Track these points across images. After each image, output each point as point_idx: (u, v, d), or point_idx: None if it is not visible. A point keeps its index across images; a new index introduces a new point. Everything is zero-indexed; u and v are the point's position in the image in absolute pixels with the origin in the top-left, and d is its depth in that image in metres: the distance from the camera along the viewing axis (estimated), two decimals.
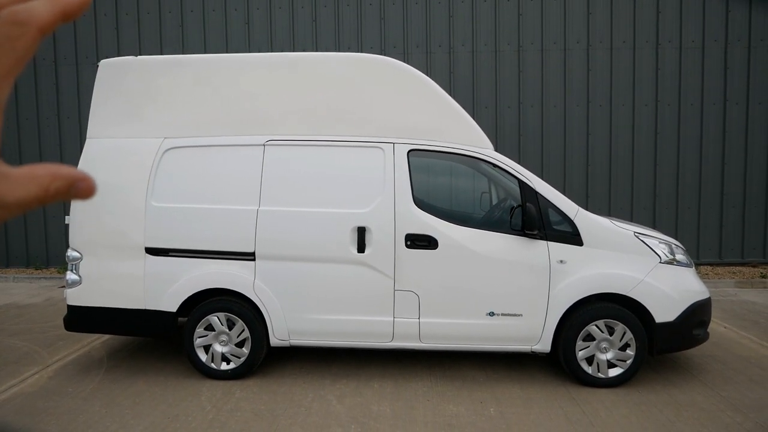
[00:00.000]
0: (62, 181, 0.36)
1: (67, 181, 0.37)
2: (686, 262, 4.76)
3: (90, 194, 0.38)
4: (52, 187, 0.36)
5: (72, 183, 0.37)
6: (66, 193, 0.37)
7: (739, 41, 9.21)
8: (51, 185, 0.36)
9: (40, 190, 0.36)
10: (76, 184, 0.37)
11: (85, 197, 0.38)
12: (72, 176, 0.37)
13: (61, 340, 5.80)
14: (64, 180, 0.37)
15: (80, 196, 0.37)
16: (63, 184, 0.36)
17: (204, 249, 4.68)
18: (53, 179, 0.36)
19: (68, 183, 0.37)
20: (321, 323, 4.64)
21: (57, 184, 0.36)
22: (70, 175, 0.37)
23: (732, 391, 4.48)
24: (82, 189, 0.37)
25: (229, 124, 4.76)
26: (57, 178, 0.36)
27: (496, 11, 9.40)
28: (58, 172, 0.37)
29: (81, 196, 0.37)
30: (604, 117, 9.41)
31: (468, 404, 4.29)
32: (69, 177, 0.37)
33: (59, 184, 0.36)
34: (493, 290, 4.54)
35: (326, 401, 4.35)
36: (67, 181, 0.37)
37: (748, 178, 9.34)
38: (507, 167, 4.66)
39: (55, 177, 0.36)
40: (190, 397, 4.42)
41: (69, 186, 0.37)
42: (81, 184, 0.37)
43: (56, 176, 0.36)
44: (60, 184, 0.36)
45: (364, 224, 4.58)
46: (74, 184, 0.37)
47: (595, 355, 4.56)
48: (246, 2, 9.54)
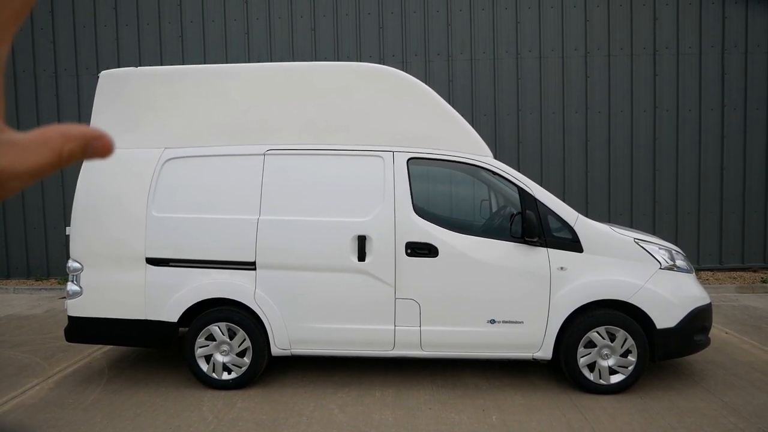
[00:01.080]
0: (76, 141, 0.34)
1: (81, 141, 0.34)
2: (686, 268, 4.76)
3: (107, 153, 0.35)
4: (66, 150, 0.34)
5: (87, 142, 0.34)
6: (81, 154, 0.34)
7: (735, 47, 9.26)
8: (64, 147, 0.34)
9: (53, 154, 0.33)
10: (92, 143, 0.34)
11: (102, 156, 0.35)
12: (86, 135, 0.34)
13: (62, 352, 5.79)
14: (78, 140, 0.34)
15: (97, 155, 0.35)
16: (77, 145, 0.34)
17: (205, 259, 4.68)
18: (66, 141, 0.34)
19: (83, 143, 0.34)
20: (322, 332, 4.64)
21: (71, 146, 0.34)
22: (84, 134, 0.34)
23: (734, 397, 4.47)
24: (98, 148, 0.35)
25: (228, 133, 4.78)
26: (70, 139, 0.34)
27: (494, 20, 9.45)
28: (70, 133, 0.34)
29: (97, 155, 0.35)
30: (602, 124, 9.44)
31: (470, 412, 4.28)
32: (83, 136, 0.34)
33: (73, 145, 0.34)
34: (494, 298, 4.55)
35: (328, 410, 4.34)
36: (82, 141, 0.34)
37: (747, 182, 9.36)
38: (506, 174, 4.67)
39: (68, 138, 0.34)
40: (191, 407, 4.41)
41: (84, 146, 0.34)
42: (96, 143, 0.35)
43: (69, 137, 0.34)
44: (74, 145, 0.34)
45: (364, 233, 4.58)
46: (89, 143, 0.34)
47: (596, 362, 4.56)
48: (245, 13, 9.60)
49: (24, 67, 9.79)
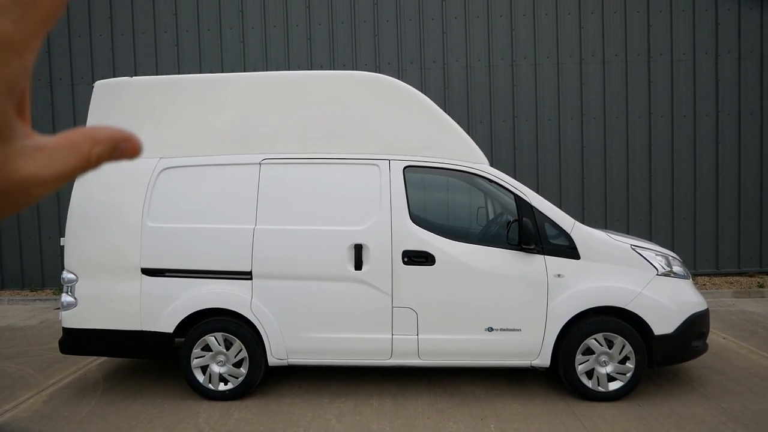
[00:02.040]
0: (104, 144, 0.33)
1: (109, 144, 0.33)
2: (683, 274, 4.76)
3: (137, 153, 0.34)
4: (94, 153, 0.33)
5: (115, 145, 0.33)
6: (110, 157, 0.33)
7: (729, 53, 9.31)
8: (93, 151, 0.33)
9: (81, 158, 0.32)
10: (120, 145, 0.34)
11: (130, 158, 0.34)
12: (114, 137, 0.34)
13: (57, 363, 5.74)
14: (107, 143, 0.33)
15: (125, 157, 0.34)
16: (105, 148, 0.33)
17: (201, 269, 4.66)
18: (94, 144, 0.33)
19: (111, 145, 0.33)
20: (319, 342, 4.62)
21: (99, 149, 0.33)
22: (112, 136, 0.33)
23: (733, 403, 4.46)
24: (126, 150, 0.34)
25: (224, 143, 4.77)
26: (98, 142, 0.33)
27: (489, 27, 9.49)
28: (98, 136, 0.33)
29: (126, 156, 0.34)
30: (598, 130, 9.47)
31: (468, 421, 4.25)
32: (111, 138, 0.33)
33: (101, 148, 0.33)
34: (491, 305, 4.53)
35: (325, 420, 4.31)
36: (110, 144, 0.33)
37: (743, 187, 9.39)
38: (502, 182, 4.67)
39: (96, 141, 0.33)
40: (187, 418, 4.38)
41: (112, 149, 0.33)
42: (125, 145, 0.34)
43: (97, 140, 0.33)
44: (102, 148, 0.33)
45: (361, 241, 4.57)
46: (118, 145, 0.34)
47: (594, 369, 4.54)
48: (241, 21, 9.61)
49: None
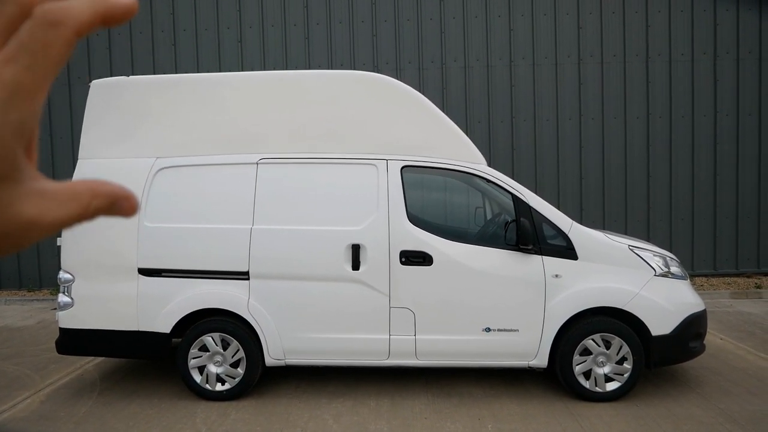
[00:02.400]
0: (104, 199, 0.34)
1: (108, 200, 0.34)
2: (681, 275, 4.76)
3: (132, 213, 0.35)
4: (93, 206, 0.34)
5: (114, 202, 0.35)
6: (107, 211, 0.35)
7: (727, 53, 9.32)
8: (92, 203, 0.34)
9: (80, 208, 0.34)
10: (119, 202, 0.35)
11: (127, 216, 0.35)
12: (114, 194, 0.35)
13: (54, 363, 5.73)
14: (106, 198, 0.34)
15: (122, 215, 0.35)
16: (104, 203, 0.34)
17: (198, 269, 4.65)
18: (94, 197, 0.34)
19: (110, 201, 0.34)
20: (316, 342, 4.61)
21: (98, 203, 0.34)
22: (112, 192, 0.35)
23: (730, 403, 4.46)
24: (124, 208, 0.35)
25: (221, 142, 4.76)
26: (98, 195, 0.34)
27: (488, 27, 9.49)
28: (99, 190, 0.34)
29: (123, 214, 0.35)
30: (596, 130, 9.47)
31: (466, 421, 4.25)
32: (111, 195, 0.34)
33: (100, 202, 0.34)
34: (489, 306, 4.53)
35: (322, 421, 4.30)
36: (109, 200, 0.34)
37: (740, 188, 9.39)
38: (500, 182, 4.67)
39: (96, 195, 0.34)
40: (184, 419, 4.37)
41: (110, 204, 0.34)
42: (123, 203, 0.35)
43: (97, 194, 0.34)
44: (101, 202, 0.34)
45: (358, 241, 4.56)
46: (117, 202, 0.35)
47: (592, 370, 4.54)
48: (238, 21, 9.60)
49: None
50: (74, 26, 0.31)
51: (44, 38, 0.30)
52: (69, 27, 0.31)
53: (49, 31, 0.30)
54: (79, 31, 0.31)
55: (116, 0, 0.32)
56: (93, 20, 0.31)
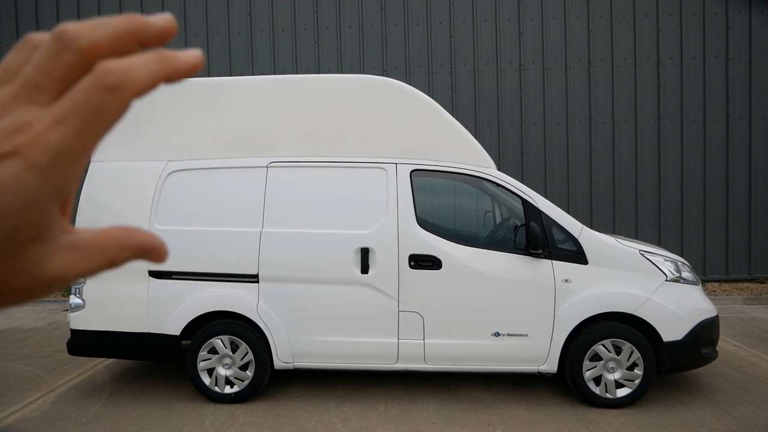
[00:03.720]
0: (132, 251, 0.33)
1: (137, 251, 0.33)
2: (693, 280, 4.72)
3: (161, 261, 0.34)
4: (121, 257, 0.32)
5: (142, 252, 0.33)
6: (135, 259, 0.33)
7: (740, 57, 9.24)
8: (120, 255, 0.32)
9: (106, 261, 0.32)
10: (148, 254, 0.33)
11: (156, 263, 0.34)
12: (143, 246, 0.33)
13: (65, 365, 5.77)
14: (135, 250, 0.33)
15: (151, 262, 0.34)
16: (133, 254, 0.33)
17: (207, 271, 4.67)
18: (123, 249, 0.32)
19: (138, 252, 0.33)
20: (325, 345, 4.61)
21: (126, 254, 0.33)
22: (142, 244, 0.33)
23: (743, 411, 4.41)
24: (153, 258, 0.33)
25: (231, 146, 4.78)
26: (127, 247, 0.32)
27: (497, 31, 9.48)
28: (128, 241, 0.33)
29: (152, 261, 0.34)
30: (606, 134, 9.42)
31: (474, 426, 4.23)
32: (140, 247, 0.33)
33: (129, 253, 0.33)
34: (498, 310, 4.51)
35: (331, 424, 4.30)
36: (137, 252, 0.33)
37: (753, 193, 9.30)
38: (510, 186, 4.65)
39: (125, 247, 0.32)
40: (193, 421, 4.38)
41: (139, 255, 0.33)
42: (153, 254, 0.33)
43: (126, 246, 0.32)
44: (129, 253, 0.33)
45: (367, 245, 4.56)
46: (145, 253, 0.33)
47: (602, 375, 4.51)
48: (249, 25, 9.66)
49: None
50: (134, 91, 0.29)
51: (100, 103, 0.28)
52: (128, 92, 0.28)
53: (107, 95, 0.28)
54: (138, 95, 0.29)
55: (182, 60, 0.30)
56: (155, 83, 0.29)
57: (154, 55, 0.29)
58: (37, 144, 0.27)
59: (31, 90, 0.28)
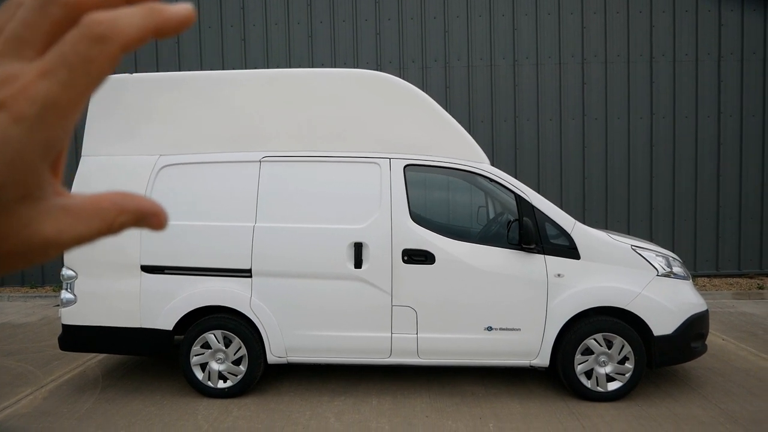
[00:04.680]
0: (130, 215, 0.32)
1: (135, 216, 0.32)
2: (683, 275, 4.76)
3: (161, 228, 0.33)
4: (118, 222, 0.31)
5: (142, 217, 0.32)
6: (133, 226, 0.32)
7: (732, 54, 9.29)
8: (117, 219, 0.31)
9: (103, 225, 0.31)
10: (147, 219, 0.32)
11: (155, 230, 0.33)
12: (141, 210, 0.32)
13: (56, 360, 5.75)
14: (133, 214, 0.32)
15: (149, 228, 0.33)
16: (131, 218, 0.32)
17: (200, 266, 4.66)
18: (120, 213, 0.31)
19: (137, 217, 0.32)
20: (318, 340, 4.62)
21: (124, 218, 0.32)
22: (139, 209, 0.32)
23: (731, 404, 4.46)
24: (152, 223, 0.32)
25: (224, 140, 4.76)
26: (124, 211, 0.32)
27: (491, 26, 9.48)
28: (126, 205, 0.32)
29: (151, 228, 0.33)
30: (599, 130, 9.46)
31: (467, 420, 4.25)
32: (138, 211, 0.32)
33: (126, 218, 0.32)
34: (491, 305, 4.53)
35: (324, 419, 4.31)
36: (136, 216, 0.32)
37: (743, 189, 9.37)
38: (503, 181, 4.67)
39: (123, 211, 0.32)
40: (186, 416, 4.38)
41: (137, 220, 0.32)
42: (152, 219, 0.32)
43: (124, 210, 0.32)
44: (127, 218, 0.32)
45: (361, 240, 4.57)
46: (144, 218, 0.32)
47: (594, 369, 4.54)
48: (242, 19, 9.61)
49: None
50: (122, 42, 0.28)
51: (87, 53, 0.27)
52: (116, 43, 0.28)
53: (94, 46, 0.27)
54: (127, 47, 0.28)
55: (172, 12, 0.29)
56: (144, 35, 0.28)
57: (143, 7, 0.29)
58: (23, 96, 0.27)
59: (17, 45, 0.28)
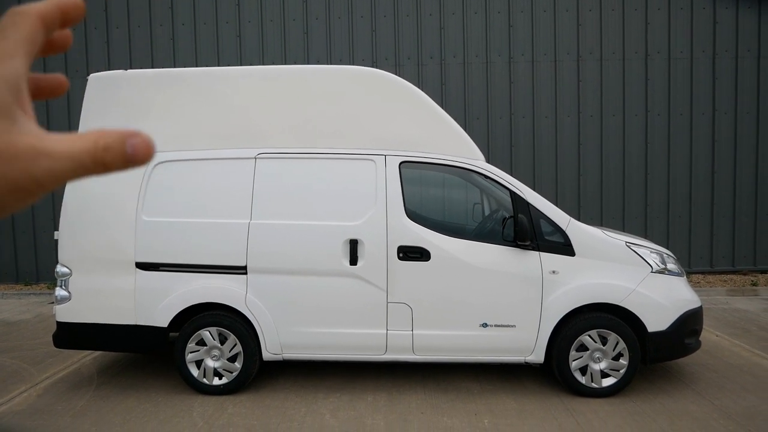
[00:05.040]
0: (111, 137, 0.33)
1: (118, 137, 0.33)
2: (678, 271, 4.77)
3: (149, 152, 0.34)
4: (101, 143, 0.33)
5: (123, 139, 0.33)
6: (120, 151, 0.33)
7: (726, 52, 9.32)
8: (99, 140, 0.33)
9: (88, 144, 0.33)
10: (128, 140, 0.33)
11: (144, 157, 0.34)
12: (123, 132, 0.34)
13: (51, 357, 5.73)
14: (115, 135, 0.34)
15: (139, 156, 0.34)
16: (113, 140, 0.33)
17: (195, 263, 4.65)
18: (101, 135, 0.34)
19: (119, 139, 0.33)
20: (314, 336, 4.62)
21: (106, 139, 0.33)
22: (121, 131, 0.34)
23: (724, 400, 4.48)
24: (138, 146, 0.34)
25: (219, 137, 4.75)
26: (105, 133, 0.34)
27: (487, 23, 9.47)
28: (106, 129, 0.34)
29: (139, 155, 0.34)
30: (594, 127, 9.48)
31: (462, 416, 4.26)
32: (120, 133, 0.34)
33: (108, 139, 0.33)
34: (486, 301, 4.54)
35: (319, 415, 4.31)
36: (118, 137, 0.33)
37: (738, 186, 9.41)
38: (498, 178, 4.67)
39: (103, 133, 0.34)
40: (181, 413, 4.37)
41: (120, 142, 0.33)
42: (134, 140, 0.34)
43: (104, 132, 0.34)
44: (109, 139, 0.33)
45: (356, 237, 4.57)
46: (126, 140, 0.33)
47: (588, 365, 4.56)
48: (237, 15, 9.57)
49: None
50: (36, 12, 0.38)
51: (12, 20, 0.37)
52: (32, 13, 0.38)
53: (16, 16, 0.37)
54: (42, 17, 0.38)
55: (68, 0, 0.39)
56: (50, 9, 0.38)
57: None
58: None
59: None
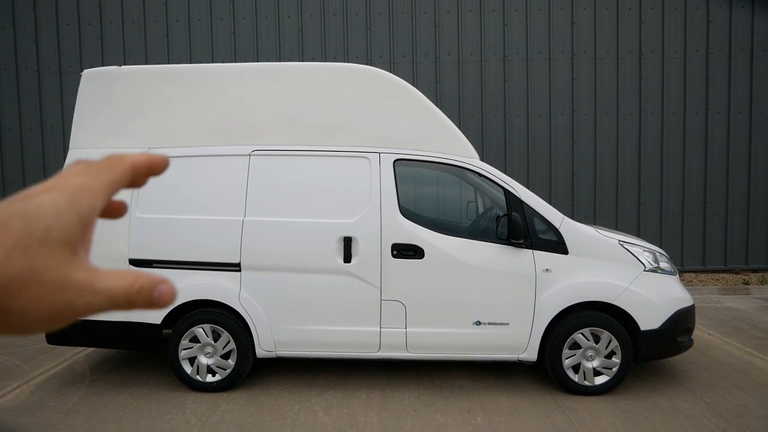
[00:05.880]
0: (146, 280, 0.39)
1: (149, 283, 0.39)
2: (670, 270, 4.80)
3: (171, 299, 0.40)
4: (137, 285, 0.38)
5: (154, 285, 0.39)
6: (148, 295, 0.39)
7: (720, 51, 9.37)
8: (135, 282, 0.39)
9: (125, 283, 0.38)
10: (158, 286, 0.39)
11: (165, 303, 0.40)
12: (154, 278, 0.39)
13: (43, 354, 5.70)
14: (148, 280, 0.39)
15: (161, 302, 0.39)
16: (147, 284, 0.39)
17: (189, 260, 4.63)
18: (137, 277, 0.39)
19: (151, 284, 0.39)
20: (307, 334, 4.62)
21: (141, 282, 0.39)
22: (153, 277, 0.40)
23: (716, 398, 4.52)
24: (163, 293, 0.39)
25: (213, 133, 4.74)
26: (141, 276, 0.39)
27: (481, 22, 9.48)
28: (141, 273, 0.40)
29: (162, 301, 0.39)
30: (588, 126, 9.51)
31: (455, 414, 4.28)
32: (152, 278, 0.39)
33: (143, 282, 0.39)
34: (480, 299, 4.55)
35: (313, 412, 4.32)
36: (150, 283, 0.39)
37: (730, 185, 9.47)
38: (492, 176, 4.68)
39: (139, 276, 0.39)
40: (174, 410, 4.37)
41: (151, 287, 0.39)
42: (162, 287, 0.39)
43: (140, 275, 0.39)
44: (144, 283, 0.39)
45: (350, 234, 4.57)
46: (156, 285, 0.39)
47: (581, 363, 4.58)
48: (232, 12, 9.54)
49: (6, 65, 9.65)
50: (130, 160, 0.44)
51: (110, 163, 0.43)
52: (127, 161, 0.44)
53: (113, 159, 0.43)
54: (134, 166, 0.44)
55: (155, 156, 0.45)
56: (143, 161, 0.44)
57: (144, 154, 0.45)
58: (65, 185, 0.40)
59: None
